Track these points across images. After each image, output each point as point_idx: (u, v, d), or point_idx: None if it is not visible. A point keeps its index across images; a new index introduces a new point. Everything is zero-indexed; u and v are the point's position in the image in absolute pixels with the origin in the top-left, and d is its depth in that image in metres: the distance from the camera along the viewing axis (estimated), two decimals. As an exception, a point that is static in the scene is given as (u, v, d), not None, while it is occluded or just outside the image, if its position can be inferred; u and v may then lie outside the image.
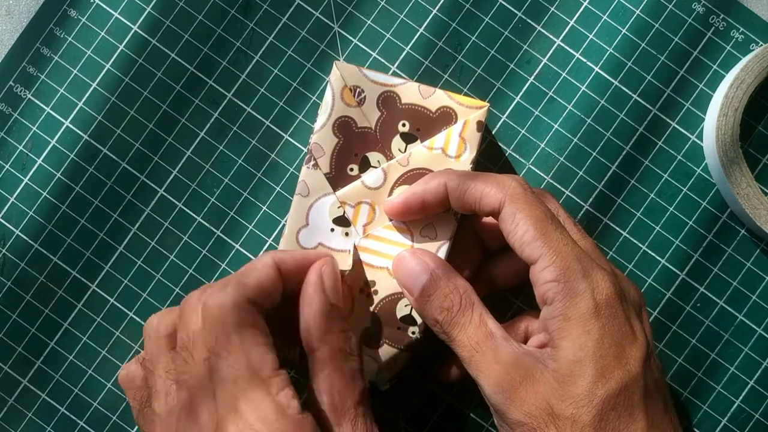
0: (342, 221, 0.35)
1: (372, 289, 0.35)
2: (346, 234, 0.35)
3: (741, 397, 0.39)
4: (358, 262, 0.35)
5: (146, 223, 0.39)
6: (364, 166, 0.35)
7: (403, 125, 0.35)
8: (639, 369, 0.30)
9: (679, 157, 0.39)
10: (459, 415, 0.38)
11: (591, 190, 0.39)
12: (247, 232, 0.39)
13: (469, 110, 0.35)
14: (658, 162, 0.39)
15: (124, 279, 0.39)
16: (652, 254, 0.39)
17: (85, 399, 0.39)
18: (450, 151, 0.35)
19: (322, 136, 0.35)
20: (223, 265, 0.39)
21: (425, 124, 0.35)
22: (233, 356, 0.29)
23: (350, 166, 0.35)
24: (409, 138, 0.35)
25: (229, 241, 0.39)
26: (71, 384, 0.39)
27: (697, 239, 0.39)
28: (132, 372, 0.32)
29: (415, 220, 0.35)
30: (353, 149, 0.35)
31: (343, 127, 0.35)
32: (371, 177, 0.35)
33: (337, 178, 0.35)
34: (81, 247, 0.39)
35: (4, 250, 0.39)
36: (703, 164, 0.39)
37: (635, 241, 0.39)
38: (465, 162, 0.35)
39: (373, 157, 0.36)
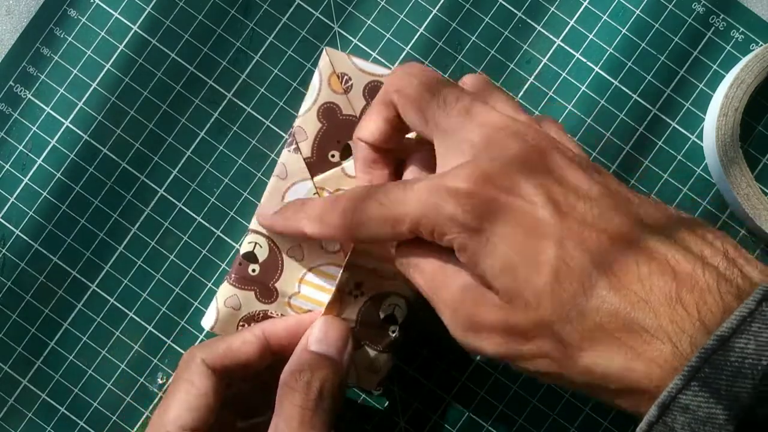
0: None
1: (359, 291, 0.35)
2: None
3: (741, 397, 0.38)
4: (350, 266, 0.34)
5: (146, 223, 0.39)
6: (346, 153, 0.35)
7: None
8: (559, 229, 0.26)
9: (679, 157, 0.39)
10: (459, 415, 0.39)
11: (591, 190, 0.39)
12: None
13: None
14: (658, 162, 0.39)
15: (124, 279, 0.39)
16: (652, 254, 0.39)
17: (85, 399, 0.39)
18: None
19: (306, 120, 0.35)
20: (223, 265, 0.39)
21: None
22: (164, 403, 0.32)
23: (331, 153, 0.35)
24: None
25: (229, 241, 0.39)
26: (71, 384, 0.39)
27: (697, 239, 0.39)
28: None
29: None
30: (336, 136, 0.35)
31: (328, 113, 0.35)
32: (351, 165, 0.35)
33: (318, 163, 0.35)
34: (81, 247, 0.39)
35: (4, 250, 0.39)
36: (703, 164, 0.39)
37: (635, 241, 0.39)
38: None
39: None
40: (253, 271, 0.35)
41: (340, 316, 0.34)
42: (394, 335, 0.35)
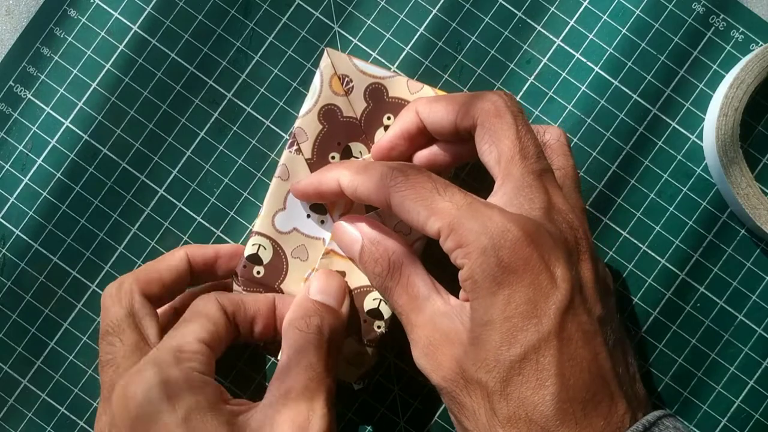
0: (319, 209, 0.35)
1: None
2: (322, 222, 0.35)
3: (741, 397, 0.39)
4: (330, 252, 0.35)
5: (146, 223, 0.39)
6: (346, 155, 0.35)
7: (388, 118, 0.36)
8: (553, 326, 0.28)
9: (679, 157, 0.39)
10: (459, 415, 0.38)
11: (591, 190, 0.39)
12: (247, 232, 0.39)
13: None
14: (658, 162, 0.39)
15: (124, 279, 0.39)
16: (652, 254, 0.39)
17: (85, 399, 0.39)
18: None
19: (306, 122, 0.35)
20: (223, 265, 0.39)
21: None
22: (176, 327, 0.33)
23: (332, 154, 0.35)
24: None
25: (229, 241, 0.39)
26: (71, 384, 0.39)
27: (697, 239, 0.39)
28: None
29: (390, 214, 0.35)
30: (336, 138, 0.35)
31: (329, 114, 0.35)
32: None
33: (318, 165, 0.35)
34: (81, 247, 0.39)
35: (4, 250, 0.39)
36: (703, 164, 0.39)
37: (635, 241, 0.39)
38: None
39: (356, 147, 0.36)
40: (258, 273, 0.35)
41: None
42: (379, 330, 0.35)
